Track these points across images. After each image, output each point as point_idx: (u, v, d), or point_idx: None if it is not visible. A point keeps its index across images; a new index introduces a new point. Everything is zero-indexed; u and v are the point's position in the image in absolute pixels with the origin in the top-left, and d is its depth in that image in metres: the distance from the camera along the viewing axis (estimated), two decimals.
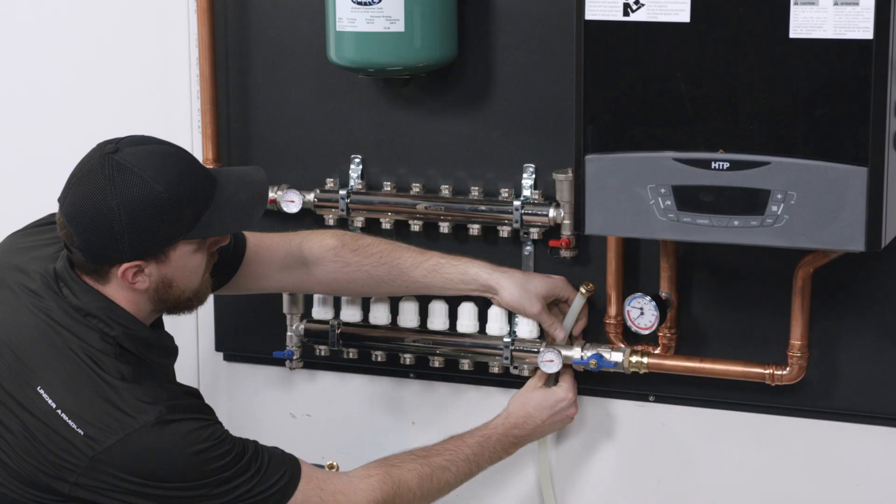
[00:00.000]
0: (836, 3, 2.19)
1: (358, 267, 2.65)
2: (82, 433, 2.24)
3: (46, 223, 2.48)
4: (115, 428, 2.24)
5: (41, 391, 2.26)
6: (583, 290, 2.63)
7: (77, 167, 2.31)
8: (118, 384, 2.27)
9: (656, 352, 2.64)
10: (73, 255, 2.31)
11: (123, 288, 2.31)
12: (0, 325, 2.34)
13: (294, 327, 2.83)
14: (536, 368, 2.67)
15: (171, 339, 2.42)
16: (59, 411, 2.25)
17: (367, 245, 2.66)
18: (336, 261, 2.64)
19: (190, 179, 2.29)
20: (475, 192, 2.70)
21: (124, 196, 2.24)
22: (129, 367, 2.29)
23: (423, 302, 2.76)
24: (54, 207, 2.36)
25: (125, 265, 2.28)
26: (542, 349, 2.66)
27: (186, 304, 2.38)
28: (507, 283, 2.64)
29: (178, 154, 2.32)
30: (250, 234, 2.61)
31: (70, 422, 2.24)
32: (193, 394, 2.40)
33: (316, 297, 2.81)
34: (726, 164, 2.28)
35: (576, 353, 2.66)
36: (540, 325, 2.68)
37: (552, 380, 2.69)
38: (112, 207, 2.24)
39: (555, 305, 2.68)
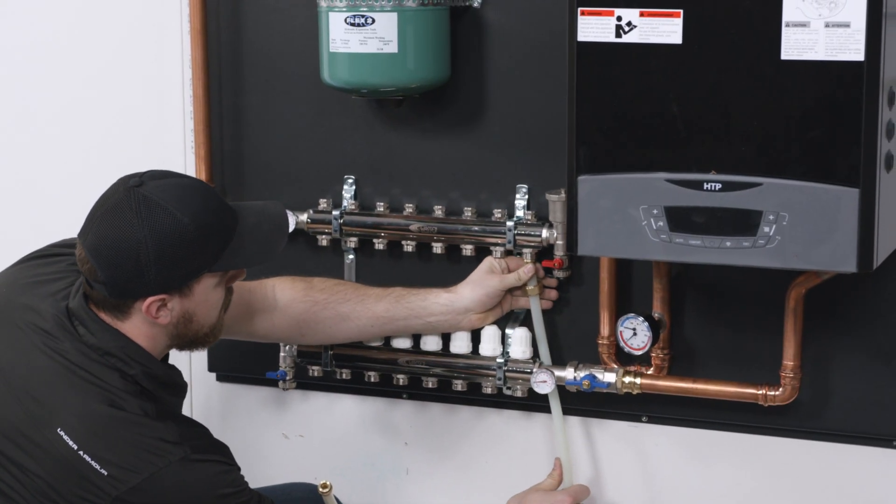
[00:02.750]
0: (827, 25, 2.19)
1: (325, 305, 2.66)
2: (106, 473, 2.21)
3: (47, 255, 2.45)
4: (140, 468, 2.22)
5: (61, 433, 2.23)
6: (529, 286, 2.64)
7: (99, 202, 2.29)
8: (143, 422, 2.25)
9: (649, 372, 2.64)
10: (93, 290, 2.28)
11: (144, 323, 2.29)
12: (14, 368, 2.30)
13: (287, 348, 2.82)
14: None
15: (180, 375, 2.40)
16: (80, 452, 2.22)
17: (333, 284, 2.69)
18: (305, 300, 2.65)
19: (214, 212, 2.28)
20: (468, 212, 2.70)
21: (152, 228, 2.22)
22: (152, 405, 2.28)
23: None
24: (52, 231, 2.34)
25: (150, 299, 2.26)
26: (535, 370, 2.66)
27: (202, 339, 2.37)
28: (464, 291, 2.66)
29: (200, 187, 2.31)
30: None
31: (93, 463, 2.22)
32: (206, 433, 2.37)
33: None
34: (718, 185, 2.28)
35: (569, 373, 2.66)
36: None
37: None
38: (140, 240, 2.22)
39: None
